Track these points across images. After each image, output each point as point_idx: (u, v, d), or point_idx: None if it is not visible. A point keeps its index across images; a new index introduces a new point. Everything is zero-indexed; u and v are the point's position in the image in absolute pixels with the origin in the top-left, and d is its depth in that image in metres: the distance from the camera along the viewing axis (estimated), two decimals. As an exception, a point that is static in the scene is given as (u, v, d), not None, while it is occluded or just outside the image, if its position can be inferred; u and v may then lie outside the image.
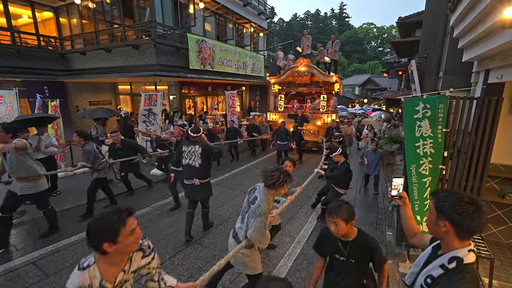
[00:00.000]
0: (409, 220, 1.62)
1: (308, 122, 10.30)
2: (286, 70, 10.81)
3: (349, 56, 55.78)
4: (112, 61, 10.04)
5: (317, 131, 10.31)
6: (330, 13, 66.12)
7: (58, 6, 11.23)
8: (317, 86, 10.79)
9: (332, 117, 10.11)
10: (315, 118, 10.47)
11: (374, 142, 6.33)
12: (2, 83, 9.15)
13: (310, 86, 11.02)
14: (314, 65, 10.49)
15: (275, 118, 11.29)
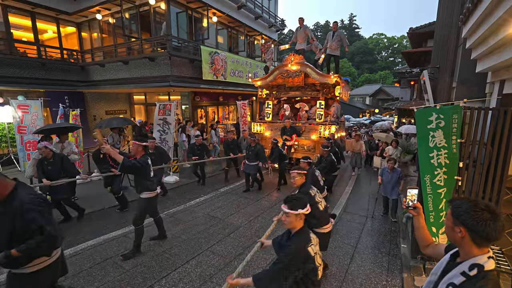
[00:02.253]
0: (422, 230, 1.63)
1: (300, 135, 8.37)
2: (274, 70, 8.71)
3: (360, 66, 55.69)
4: (129, 72, 10.49)
5: (312, 147, 8.31)
6: (340, 24, 66.55)
7: (81, 21, 11.92)
8: (313, 89, 8.71)
9: (331, 129, 7.98)
10: (310, 130, 8.40)
11: (392, 159, 5.24)
12: (27, 93, 9.70)
13: (304, 89, 8.86)
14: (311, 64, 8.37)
15: (261, 129, 9.28)
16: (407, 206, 1.68)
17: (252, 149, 6.68)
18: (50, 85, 10.57)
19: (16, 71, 9.76)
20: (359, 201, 6.38)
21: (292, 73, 8.31)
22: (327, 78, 7.79)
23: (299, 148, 8.55)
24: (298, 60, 8.12)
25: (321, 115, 8.42)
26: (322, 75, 7.89)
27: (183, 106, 12.49)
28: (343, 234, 4.61)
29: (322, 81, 7.96)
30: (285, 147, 7.89)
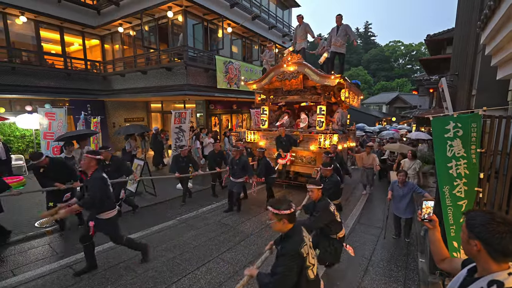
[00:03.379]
0: (438, 244, 1.57)
1: (297, 145, 7.37)
2: (269, 72, 7.74)
3: (376, 74, 54.78)
4: (147, 81, 10.93)
5: (313, 159, 7.15)
6: (355, 32, 66.33)
7: (104, 34, 12.63)
8: (313, 93, 7.62)
9: (333, 138, 6.90)
10: (309, 140, 7.39)
11: (402, 172, 4.53)
12: (53, 102, 10.30)
13: (303, 93, 7.80)
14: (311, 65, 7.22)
15: (255, 138, 8.36)
16: (422, 218, 1.63)
17: (237, 162, 5.64)
18: (74, 94, 11.19)
19: (45, 81, 10.45)
20: (373, 212, 6.17)
21: (288, 75, 7.31)
22: (327, 79, 6.68)
23: (297, 160, 7.44)
24: (296, 59, 7.15)
25: (322, 122, 7.32)
26: (322, 75, 6.81)
27: (198, 114, 12.77)
28: (356, 245, 4.46)
29: (322, 83, 6.85)
30: (279, 158, 7.20)
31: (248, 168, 5.74)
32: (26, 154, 9.58)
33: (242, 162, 5.65)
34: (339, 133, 7.29)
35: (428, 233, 1.63)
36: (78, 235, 3.45)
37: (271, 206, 1.96)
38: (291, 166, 7.53)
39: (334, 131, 7.18)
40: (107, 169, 4.71)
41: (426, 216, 1.62)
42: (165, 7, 9.61)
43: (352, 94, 8.37)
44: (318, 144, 7.04)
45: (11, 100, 9.89)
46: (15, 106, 9.97)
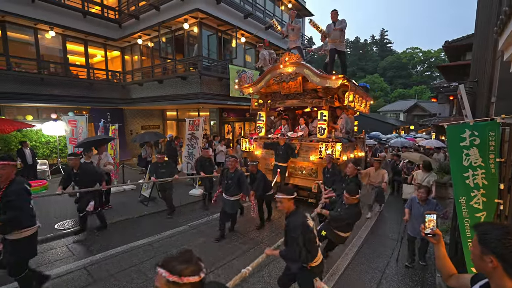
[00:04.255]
0: (443, 260, 1.51)
1: (296, 156, 6.54)
2: (265, 74, 7.10)
3: (392, 81, 53.62)
4: (163, 90, 11.33)
5: (314, 171, 6.49)
6: (370, 40, 65.58)
7: (124, 46, 13.30)
8: (314, 96, 6.87)
9: (336, 147, 6.12)
10: (308, 149, 6.59)
11: (424, 187, 3.98)
12: (76, 110, 10.88)
13: (303, 97, 7.04)
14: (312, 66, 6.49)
15: (250, 147, 7.63)
16: (425, 233, 1.56)
17: (232, 176, 4.64)
18: (95, 103, 11.78)
19: (69, 91, 11.09)
20: (387, 225, 5.95)
21: (286, 77, 6.65)
22: (329, 80, 5.94)
23: (296, 172, 6.79)
24: (294, 59, 6.48)
25: (323, 129, 6.52)
26: (322, 76, 6.06)
27: (211, 121, 13.01)
28: (369, 257, 4.31)
29: (323, 85, 6.08)
30: (277, 170, 6.42)
31: (244, 183, 4.70)
32: (50, 159, 10.13)
33: (237, 175, 4.65)
34: (344, 142, 6.40)
35: (434, 248, 1.56)
36: (95, 238, 3.59)
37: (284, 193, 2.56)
38: (290, 179, 6.84)
39: (337, 139, 6.35)
40: (76, 177, 4.62)
41: (429, 231, 1.55)
42: (182, 19, 10.01)
43: (359, 98, 7.55)
44: (319, 153, 6.24)
45: (39, 108, 10.55)
46: (41, 114, 10.63)
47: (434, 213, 1.59)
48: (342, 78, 5.87)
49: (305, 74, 6.34)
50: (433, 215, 1.58)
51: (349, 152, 7.16)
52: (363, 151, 8.85)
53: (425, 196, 3.88)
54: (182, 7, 9.85)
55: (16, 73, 9.74)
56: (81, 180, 4.67)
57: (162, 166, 5.88)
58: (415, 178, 5.83)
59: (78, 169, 4.61)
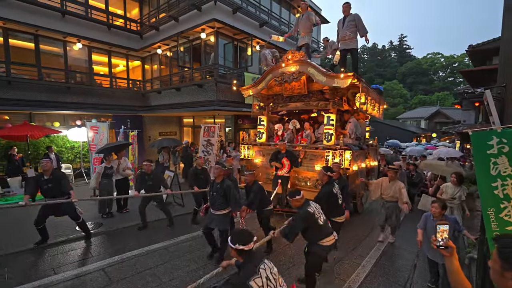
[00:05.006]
0: (457, 275, 1.40)
1: (299, 165, 5.85)
2: (266, 74, 6.51)
3: (412, 87, 51.98)
4: (180, 98, 11.67)
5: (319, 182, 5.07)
6: (389, 46, 64.30)
7: (145, 56, 13.89)
8: (320, 98, 6.17)
9: (345, 156, 5.43)
10: (313, 158, 5.92)
11: (438, 202, 3.39)
12: (99, 117, 11.42)
13: (308, 99, 6.34)
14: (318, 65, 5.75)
15: (250, 154, 7.03)
16: (437, 245, 1.46)
17: (217, 187, 4.05)
18: (117, 110, 12.32)
19: (93, 99, 11.71)
20: (408, 234, 5.65)
21: (288, 76, 5.97)
22: (336, 79, 5.25)
23: (300, 183, 6.07)
24: (298, 57, 5.83)
25: (330, 135, 5.75)
26: (329, 75, 5.37)
27: (226, 128, 13.17)
28: (389, 270, 4.11)
29: (330, 85, 5.38)
30: (278, 180, 5.72)
31: (232, 196, 3.97)
32: (74, 164, 10.63)
33: (223, 186, 3.99)
34: (354, 149, 5.66)
35: (445, 261, 1.44)
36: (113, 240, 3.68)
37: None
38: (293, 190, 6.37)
39: (346, 146, 5.59)
40: (48, 185, 4.26)
41: (441, 242, 1.44)
42: (199, 29, 10.34)
43: (372, 101, 6.71)
44: (325, 162, 5.53)
45: (65, 115, 11.18)
46: (67, 120, 11.24)
47: (446, 223, 1.49)
48: (352, 76, 5.17)
49: (310, 73, 5.63)
50: (445, 225, 1.48)
51: (360, 161, 6.38)
52: (375, 160, 8.01)
53: (440, 211, 3.31)
54: (200, 17, 10.19)
55: (46, 83, 10.43)
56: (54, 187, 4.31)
57: (149, 178, 5.37)
58: (443, 191, 4.88)
59: (50, 175, 4.32)
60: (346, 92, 6.16)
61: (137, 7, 13.39)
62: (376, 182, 5.18)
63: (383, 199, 4.99)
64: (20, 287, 3.36)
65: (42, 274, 3.69)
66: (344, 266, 4.15)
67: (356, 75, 5.33)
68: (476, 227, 5.62)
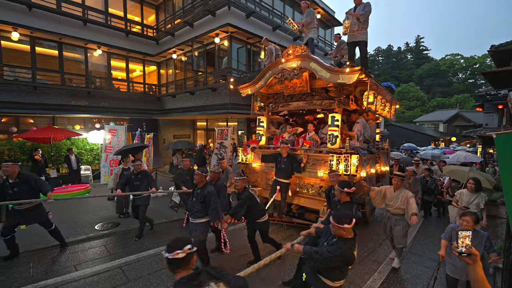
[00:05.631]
0: (481, 284, 1.34)
1: (301, 171, 5.29)
2: (265, 70, 6.03)
3: (430, 90, 50.35)
4: (194, 101, 11.89)
5: (323, 189, 5.08)
6: (405, 47, 62.79)
7: (160, 61, 14.30)
8: (324, 97, 5.61)
9: (352, 160, 4.87)
10: (317, 163, 5.35)
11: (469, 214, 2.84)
12: (116, 120, 11.84)
13: (311, 98, 5.79)
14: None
15: (248, 158, 6.53)
16: (459, 252, 1.38)
17: (198, 192, 3.68)
18: (133, 113, 12.73)
19: (111, 102, 12.15)
20: (427, 240, 5.45)
21: (289, 73, 5.47)
22: (341, 75, 4.74)
23: (302, 190, 5.59)
24: (299, 52, 5.33)
25: (335, 137, 5.23)
26: (333, 70, 4.87)
27: (239, 131, 13.27)
28: (407, 278, 3.98)
29: (335, 81, 4.89)
30: (277, 186, 5.28)
31: (212, 204, 3.54)
32: (93, 165, 11.03)
33: (204, 193, 3.59)
34: (362, 153, 5.14)
35: (468, 270, 1.36)
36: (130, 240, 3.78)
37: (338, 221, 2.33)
38: (294, 199, 5.63)
39: (353, 149, 5.06)
40: (14, 188, 3.93)
41: (463, 249, 1.35)
42: (213, 34, 10.55)
43: (382, 100, 6.11)
44: (329, 168, 4.98)
45: (85, 118, 11.66)
46: (87, 124, 11.72)
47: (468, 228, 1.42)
48: (360, 71, 4.63)
49: (312, 69, 5.12)
50: (467, 232, 1.39)
51: (369, 166, 5.73)
52: (387, 165, 7.25)
53: (472, 225, 2.75)
54: (214, 22, 10.39)
55: (68, 88, 10.94)
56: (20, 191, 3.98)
57: (137, 177, 5.05)
58: (458, 198, 4.49)
59: (15, 177, 4.00)
60: (354, 90, 5.61)
61: (154, 14, 13.85)
62: (377, 190, 4.31)
63: (388, 210, 4.26)
64: (44, 282, 3.51)
65: (64, 270, 3.85)
66: (360, 272, 4.06)
67: (364, 70, 4.80)
68: (501, 236, 5.36)
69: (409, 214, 3.83)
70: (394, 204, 4.08)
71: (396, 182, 4.07)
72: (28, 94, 10.00)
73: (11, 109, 9.52)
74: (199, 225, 3.67)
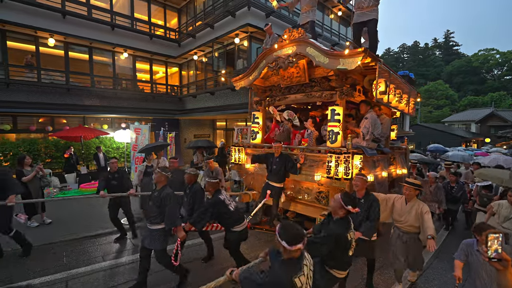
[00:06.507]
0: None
1: (297, 172, 4.58)
2: (258, 60, 5.25)
3: (461, 88, 47.31)
4: (214, 101, 12.12)
5: (323, 195, 4.57)
6: (433, 43, 59.56)
7: (182, 62, 14.73)
8: (325, 87, 4.77)
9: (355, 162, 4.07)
10: (314, 164, 4.56)
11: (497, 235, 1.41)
12: (140, 120, 12.36)
13: (310, 89, 4.99)
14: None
15: (241, 158, 5.87)
16: (489, 257, 1.26)
17: (155, 195, 3.29)
18: (156, 113, 13.23)
19: (136, 103, 12.73)
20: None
21: (283, 61, 4.69)
22: (342, 59, 3.90)
23: (298, 195, 4.99)
24: (296, 36, 4.53)
25: (335, 134, 4.39)
26: (332, 54, 4.06)
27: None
28: (434, 285, 3.76)
29: (334, 67, 4.04)
30: (267, 191, 4.62)
31: (168, 209, 3.16)
32: (119, 163, 11.58)
33: (161, 196, 3.22)
34: (368, 153, 4.38)
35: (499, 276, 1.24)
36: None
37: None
38: (291, 205, 5.04)
39: (356, 148, 4.26)
40: None
41: (494, 254, 1.23)
42: (233, 34, 10.68)
43: (397, 91, 4.93)
44: (326, 170, 4.18)
45: (112, 118, 12.30)
46: (114, 123, 12.35)
47: (498, 232, 1.28)
48: (363, 53, 3.70)
49: (308, 55, 4.32)
50: (497, 235, 1.26)
51: (380, 169, 4.95)
52: (405, 168, 6.17)
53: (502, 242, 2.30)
54: (234, 23, 10.52)
55: (97, 89, 11.62)
56: None
57: (114, 177, 4.79)
58: (493, 210, 3.89)
59: None
60: (361, 80, 4.84)
61: (176, 17, 14.30)
62: (382, 197, 3.45)
63: (398, 227, 3.36)
64: (75, 270, 3.76)
65: (93, 260, 4.10)
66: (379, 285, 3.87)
67: (370, 52, 3.87)
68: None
69: (424, 234, 3.01)
70: (406, 220, 3.22)
71: (409, 193, 3.21)
72: (62, 96, 10.75)
73: (47, 109, 10.29)
74: (155, 232, 3.23)
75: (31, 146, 9.43)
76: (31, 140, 9.68)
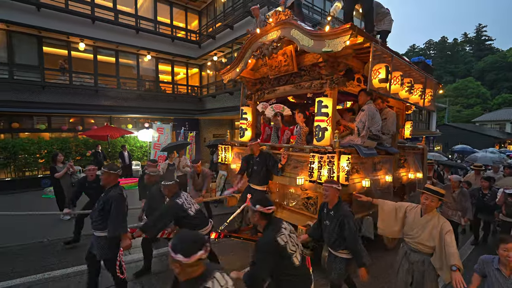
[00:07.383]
0: None
1: (279, 173, 4.07)
2: (244, 48, 4.72)
3: (494, 85, 44.10)
4: (233, 101, 12.24)
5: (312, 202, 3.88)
6: (462, 38, 56.11)
7: (202, 63, 15.04)
8: (315, 76, 4.06)
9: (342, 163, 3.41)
10: (298, 165, 3.95)
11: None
12: (162, 120, 12.78)
13: (299, 78, 4.34)
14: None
15: (227, 157, 5.47)
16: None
17: (101, 197, 2.93)
18: (177, 113, 13.63)
19: (158, 103, 13.19)
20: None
21: (267, 47, 4.12)
22: (328, 40, 3.26)
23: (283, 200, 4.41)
24: (282, 18, 3.91)
25: (322, 130, 3.73)
26: (315, 34, 3.41)
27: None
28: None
29: (320, 51, 3.40)
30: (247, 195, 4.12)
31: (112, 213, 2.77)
32: (142, 161, 12.08)
33: (104, 199, 2.87)
34: (363, 153, 3.69)
35: None
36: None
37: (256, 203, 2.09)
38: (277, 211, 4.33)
39: (349, 147, 3.68)
40: None
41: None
42: (252, 35, 10.72)
43: (405, 80, 4.03)
44: (309, 172, 3.56)
45: (136, 118, 12.83)
46: (138, 123, 12.87)
47: None
48: (350, 31, 3.02)
49: (293, 38, 3.70)
50: None
51: (383, 172, 4.28)
52: (419, 171, 5.26)
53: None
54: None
55: (123, 91, 12.17)
56: None
57: (91, 186, 4.37)
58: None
59: None
60: (361, 67, 4.20)
61: (197, 19, 14.62)
62: (389, 206, 2.82)
63: (407, 244, 2.63)
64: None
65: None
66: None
67: (360, 30, 3.20)
68: None
69: (446, 263, 2.23)
70: (417, 235, 2.49)
71: (429, 203, 2.43)
72: (91, 97, 11.38)
73: (77, 110, 10.96)
74: (98, 240, 2.85)
75: (63, 144, 10.07)
76: (63, 139, 10.34)
